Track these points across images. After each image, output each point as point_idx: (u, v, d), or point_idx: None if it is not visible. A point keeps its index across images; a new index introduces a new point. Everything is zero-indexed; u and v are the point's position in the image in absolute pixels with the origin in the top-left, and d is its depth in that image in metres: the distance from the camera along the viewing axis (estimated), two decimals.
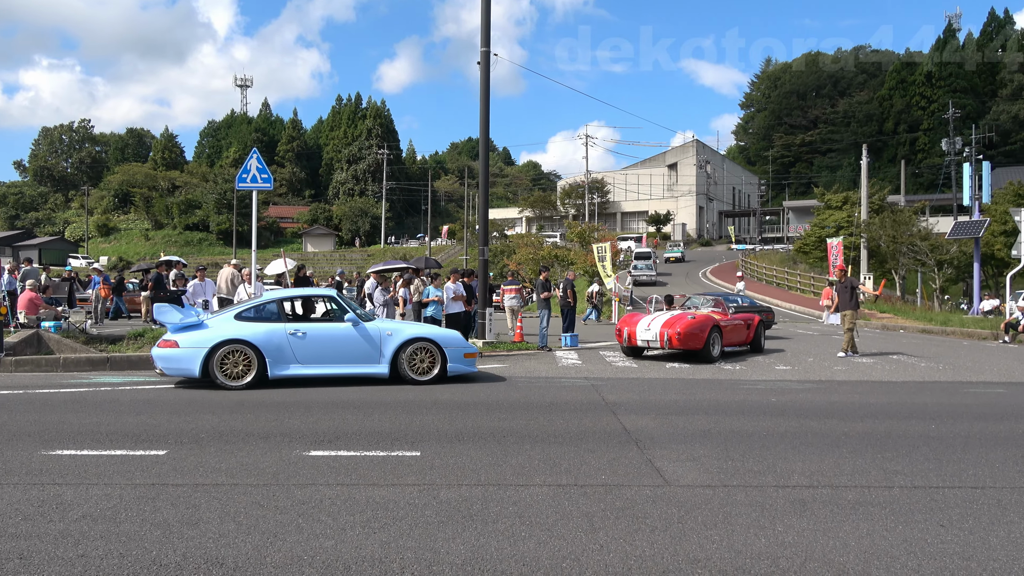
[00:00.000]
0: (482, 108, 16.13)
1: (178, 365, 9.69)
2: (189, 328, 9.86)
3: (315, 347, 10.05)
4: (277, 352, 9.84)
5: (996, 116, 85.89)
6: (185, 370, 9.67)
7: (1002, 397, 9.66)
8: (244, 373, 9.70)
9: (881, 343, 18.05)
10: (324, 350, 10.10)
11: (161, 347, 9.77)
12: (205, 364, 9.59)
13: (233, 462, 5.71)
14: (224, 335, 9.73)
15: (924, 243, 33.18)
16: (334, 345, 10.16)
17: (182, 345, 9.66)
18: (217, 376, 9.62)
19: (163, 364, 9.78)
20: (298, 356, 9.96)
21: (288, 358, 9.92)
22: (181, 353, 9.62)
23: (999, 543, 4.13)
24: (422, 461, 5.78)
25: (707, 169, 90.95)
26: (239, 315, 10.12)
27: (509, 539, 4.10)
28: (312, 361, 10.04)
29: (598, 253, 32.09)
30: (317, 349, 10.07)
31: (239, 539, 4.06)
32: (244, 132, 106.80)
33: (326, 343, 10.14)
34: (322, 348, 10.09)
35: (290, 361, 9.94)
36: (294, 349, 9.94)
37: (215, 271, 35.75)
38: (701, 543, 4.07)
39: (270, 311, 10.28)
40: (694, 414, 8.03)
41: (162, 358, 9.74)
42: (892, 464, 5.84)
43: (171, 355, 9.68)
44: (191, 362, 9.60)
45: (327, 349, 10.12)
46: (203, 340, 9.68)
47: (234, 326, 9.92)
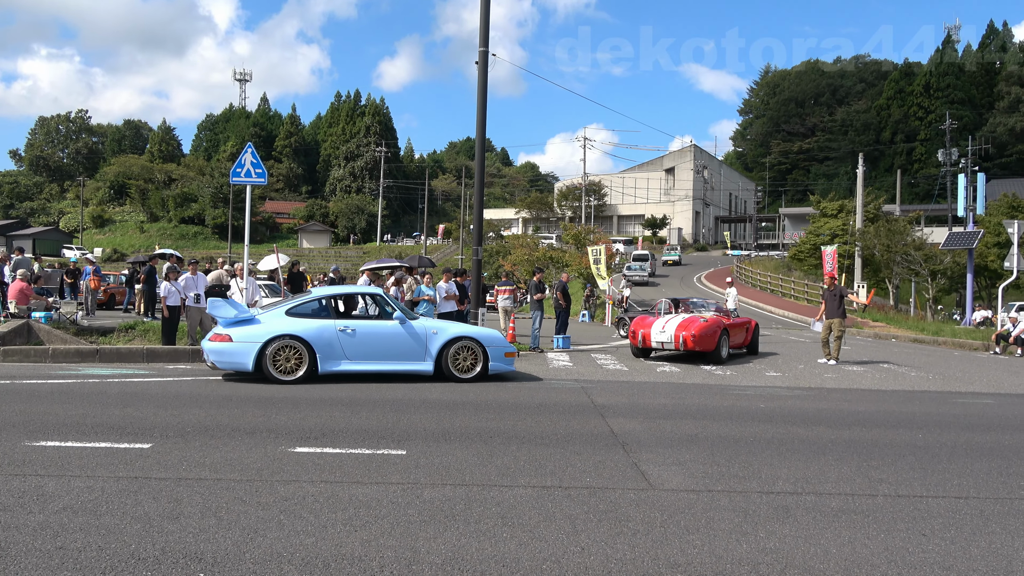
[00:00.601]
0: (479, 108, 16.12)
1: (231, 359, 9.80)
2: (242, 323, 9.98)
3: (364, 344, 10.24)
4: (328, 348, 10.00)
5: (993, 128, 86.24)
6: (238, 364, 9.79)
7: (990, 408, 9.68)
8: (295, 368, 9.84)
9: (872, 352, 18.09)
10: (373, 347, 10.30)
11: (214, 341, 9.88)
12: (258, 358, 9.71)
13: (217, 457, 5.69)
14: (277, 330, 9.85)
15: (918, 253, 33.28)
16: (382, 342, 10.37)
17: (236, 339, 9.77)
18: (269, 371, 9.75)
19: (216, 357, 9.86)
20: (347, 352, 10.14)
21: (338, 354, 10.08)
22: (235, 347, 9.75)
23: (980, 554, 4.14)
24: (408, 460, 5.77)
25: (704, 174, 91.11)
26: (290, 311, 10.25)
27: (491, 540, 4.09)
28: (361, 358, 10.23)
29: (593, 256, 32.11)
30: (366, 346, 10.25)
31: (219, 534, 4.04)
32: (242, 126, 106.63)
33: (375, 340, 10.33)
34: (371, 345, 10.29)
35: (340, 357, 10.11)
36: (343, 346, 10.11)
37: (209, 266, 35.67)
38: (683, 547, 4.07)
39: (320, 308, 10.53)
40: (682, 418, 8.03)
41: (215, 351, 9.85)
42: (877, 472, 5.85)
43: (224, 349, 9.79)
44: (244, 356, 9.73)
45: (375, 346, 10.32)
46: (256, 335, 9.80)
47: (286, 322, 10.04)
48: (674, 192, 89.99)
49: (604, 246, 34.42)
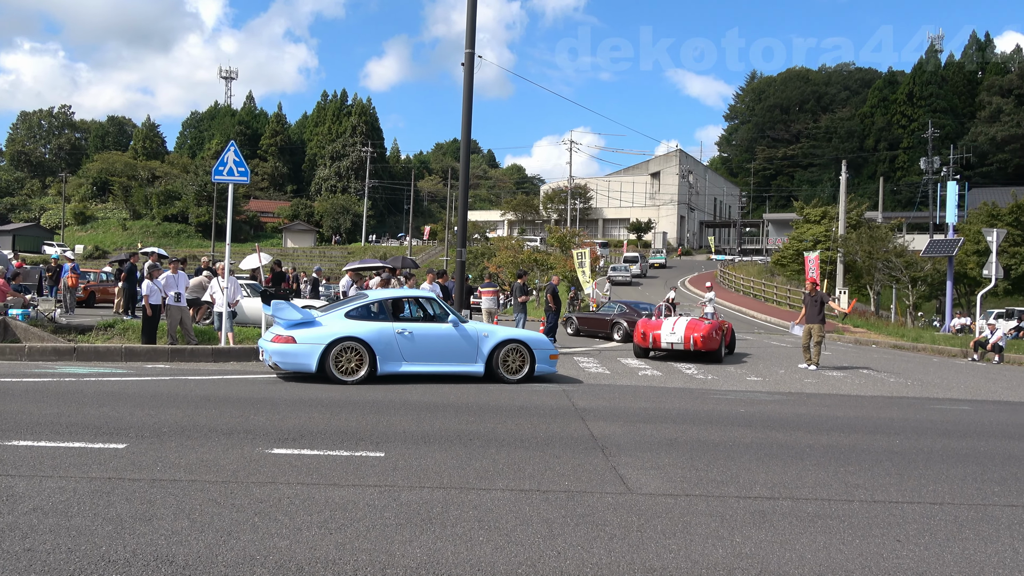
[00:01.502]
0: (464, 110, 16.10)
1: (295, 360, 9.97)
2: (303, 325, 10.17)
3: (420, 346, 10.53)
4: (387, 350, 10.25)
5: (974, 137, 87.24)
6: (302, 365, 9.96)
7: (967, 415, 9.77)
8: (356, 369, 10.07)
9: (853, 357, 18.22)
10: (428, 349, 10.59)
11: (276, 342, 10.01)
12: (322, 360, 9.91)
13: (193, 458, 5.63)
14: (339, 332, 10.07)
15: (899, 260, 33.58)
16: (437, 345, 10.67)
17: (299, 341, 9.95)
18: (332, 372, 9.94)
19: (279, 358, 9.99)
20: (405, 354, 10.41)
21: (396, 356, 10.34)
22: (299, 349, 9.93)
23: (953, 560, 4.16)
24: (385, 462, 5.74)
25: (689, 179, 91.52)
26: (348, 313, 10.47)
27: (466, 543, 4.07)
28: (417, 359, 10.51)
29: (578, 259, 32.18)
30: (422, 348, 10.54)
31: (192, 536, 4.00)
32: (227, 124, 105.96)
33: (430, 342, 10.63)
34: (426, 347, 10.58)
35: (397, 359, 10.37)
36: (401, 347, 10.38)
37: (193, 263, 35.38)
38: (659, 552, 4.06)
39: (378, 310, 10.74)
40: (662, 422, 8.05)
41: (278, 353, 9.99)
42: (854, 478, 5.88)
43: (288, 350, 9.95)
44: (308, 357, 9.92)
45: (431, 348, 10.60)
46: (319, 337, 10.00)
47: (346, 324, 10.26)
48: (659, 196, 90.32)
49: (589, 249, 34.52)
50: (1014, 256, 31.42)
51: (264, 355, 10.35)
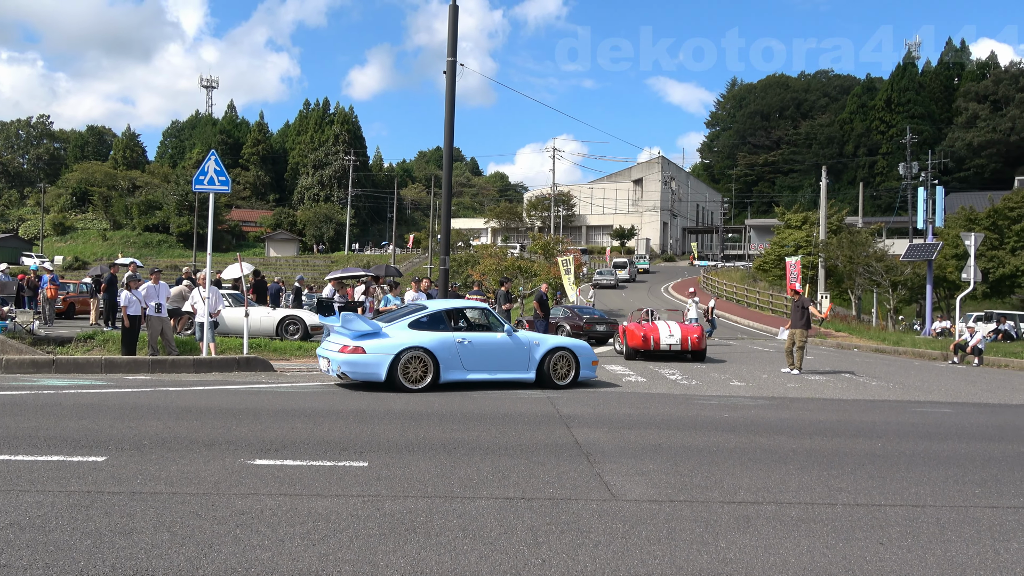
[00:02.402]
0: (447, 118, 16.11)
1: (365, 369, 10.26)
2: (371, 336, 10.45)
3: (478, 355, 10.93)
4: (448, 359, 10.63)
5: (951, 143, 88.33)
6: (372, 374, 10.26)
7: (947, 417, 9.86)
8: (422, 377, 10.42)
9: (835, 361, 18.34)
10: (485, 358, 11.02)
11: (345, 352, 10.24)
12: (391, 369, 10.23)
13: (174, 470, 5.57)
14: (406, 342, 10.41)
15: (880, 264, 33.88)
16: (494, 353, 11.11)
17: (369, 351, 10.25)
18: (400, 380, 10.27)
19: (348, 368, 10.24)
20: (464, 363, 10.80)
21: (456, 364, 10.72)
22: (369, 359, 10.22)
23: (935, 562, 4.19)
24: (369, 472, 5.70)
25: (672, 185, 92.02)
26: (412, 323, 10.83)
27: (451, 552, 4.04)
28: (476, 368, 10.92)
29: (563, 266, 32.24)
30: (480, 356, 10.95)
31: (172, 550, 3.95)
32: (208, 133, 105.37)
33: (487, 351, 11.05)
34: (484, 356, 11.00)
35: (457, 367, 10.75)
36: (461, 356, 10.77)
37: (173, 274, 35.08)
38: (643, 558, 4.06)
39: (439, 320, 11.09)
40: (646, 428, 8.05)
41: (348, 362, 10.23)
42: (837, 481, 5.91)
43: (359, 360, 10.22)
44: (378, 367, 10.23)
45: (488, 357, 11.04)
46: (388, 347, 10.32)
47: (411, 334, 10.60)
48: (642, 203, 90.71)
49: (573, 256, 34.59)
50: (992, 260, 31.80)
51: (329, 365, 10.55)
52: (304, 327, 17.73)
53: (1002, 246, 32.24)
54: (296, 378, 11.90)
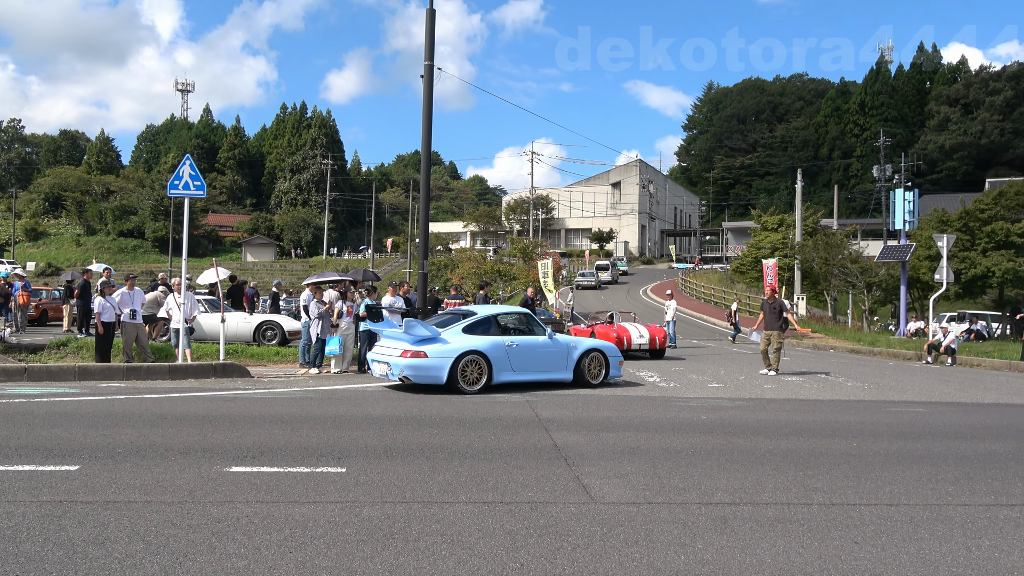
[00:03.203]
0: (424, 122, 16.09)
1: (427, 373, 10.76)
2: (430, 341, 10.94)
3: (524, 357, 11.56)
4: (500, 361, 11.24)
5: (924, 146, 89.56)
6: (434, 377, 10.77)
7: (921, 416, 9.99)
8: (478, 379, 11.01)
9: (811, 362, 18.52)
10: (531, 360, 11.67)
11: (407, 357, 10.72)
12: (451, 372, 10.77)
13: (149, 478, 5.50)
14: (464, 347, 10.97)
15: (855, 266, 34.24)
16: (537, 355, 11.78)
17: (431, 356, 10.76)
18: (459, 382, 10.82)
19: (411, 372, 10.71)
20: (513, 365, 11.42)
21: (506, 366, 11.33)
22: (431, 363, 10.74)
23: (909, 560, 4.24)
24: (347, 478, 5.67)
25: (650, 189, 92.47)
26: (465, 329, 11.35)
27: (429, 557, 4.03)
28: (522, 369, 11.55)
29: (542, 269, 32.28)
30: (526, 358, 11.59)
31: (147, 559, 3.90)
32: (184, 137, 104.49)
33: (532, 353, 11.70)
34: (529, 358, 11.65)
35: (507, 369, 11.35)
36: (510, 359, 11.38)
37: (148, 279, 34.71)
38: (621, 560, 4.07)
39: (489, 325, 11.69)
40: (625, 431, 8.08)
41: (411, 366, 10.71)
42: (813, 481, 5.97)
43: (421, 364, 10.73)
44: (440, 370, 10.77)
45: (533, 359, 11.70)
46: (448, 351, 10.85)
47: (466, 339, 11.15)
48: (621, 206, 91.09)
49: (552, 259, 34.66)
50: (964, 261, 32.26)
51: (390, 369, 10.95)
52: (282, 332, 17.61)
53: (973, 247, 32.72)
54: (274, 384, 11.82)
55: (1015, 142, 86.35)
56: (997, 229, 31.85)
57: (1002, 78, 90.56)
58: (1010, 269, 30.25)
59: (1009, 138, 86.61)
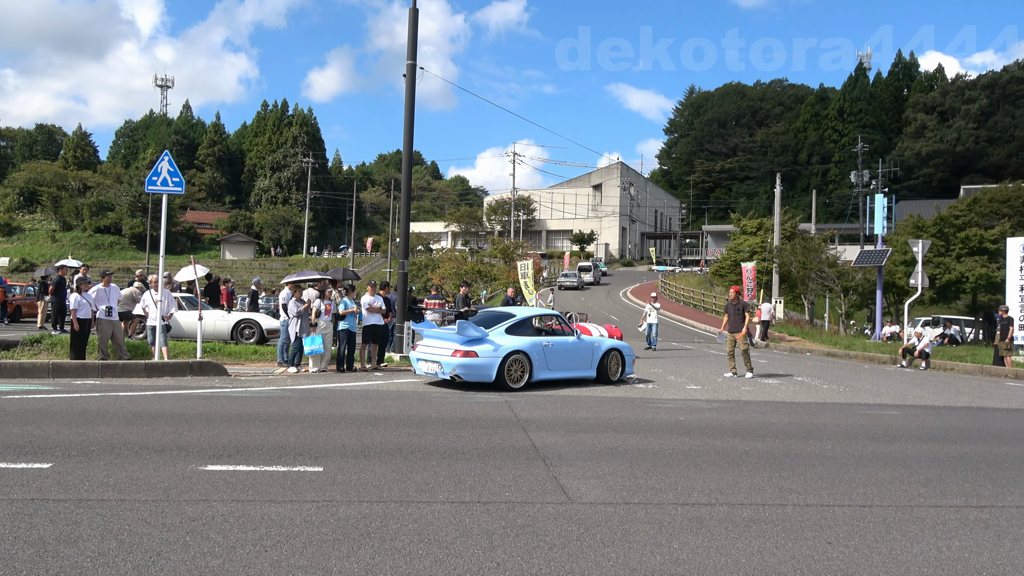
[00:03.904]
0: (406, 121, 16.06)
1: (478, 371, 11.31)
2: (479, 341, 11.44)
3: (557, 356, 12.24)
4: (538, 360, 11.88)
5: (901, 152, 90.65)
6: (484, 375, 11.32)
7: (895, 419, 10.11)
8: (521, 377, 11.63)
9: (788, 365, 18.68)
10: (563, 358, 12.35)
11: (459, 356, 11.25)
12: (499, 370, 11.31)
13: (122, 476, 5.45)
14: (510, 347, 11.56)
15: (832, 270, 34.57)
16: (568, 354, 12.47)
17: (481, 355, 11.30)
18: (505, 380, 11.38)
19: (463, 371, 11.26)
20: (548, 363, 12.09)
21: (543, 365, 11.98)
22: (481, 362, 11.30)
23: (881, 560, 4.29)
24: (324, 477, 5.65)
25: (631, 191, 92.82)
26: (508, 330, 11.93)
27: (405, 557, 4.03)
28: (555, 368, 12.21)
29: (521, 270, 32.28)
30: (559, 357, 12.27)
31: (119, 558, 3.86)
32: (163, 134, 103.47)
33: (564, 353, 12.39)
34: (562, 357, 12.33)
35: (543, 367, 11.99)
36: (547, 358, 12.04)
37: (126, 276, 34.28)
38: (597, 560, 4.09)
39: (528, 326, 12.40)
40: (603, 431, 8.11)
41: (462, 365, 11.26)
42: (787, 482, 6.02)
43: (472, 363, 11.29)
44: (490, 369, 11.31)
45: (564, 357, 12.38)
46: (496, 351, 11.42)
47: (511, 340, 11.74)
48: (602, 208, 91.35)
49: (532, 260, 34.67)
50: (938, 266, 32.63)
51: (441, 368, 11.42)
52: (260, 331, 17.48)
53: (948, 253, 33.11)
54: (251, 383, 11.73)
55: (989, 150, 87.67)
56: (971, 235, 32.25)
57: (977, 87, 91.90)
58: (983, 275, 30.63)
59: (984, 146, 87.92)
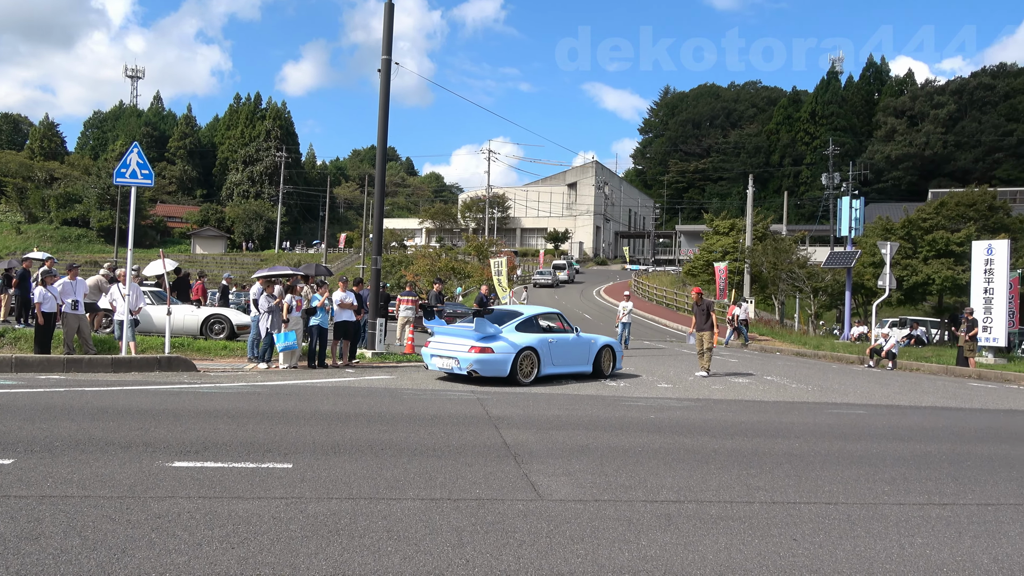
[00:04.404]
0: (380, 117, 15.97)
1: (494, 367, 11.84)
2: (494, 338, 11.95)
3: (560, 352, 12.91)
4: (545, 355, 12.51)
5: (871, 155, 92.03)
6: (499, 371, 11.87)
7: (861, 418, 10.26)
8: (531, 372, 12.29)
9: (758, 365, 18.88)
10: (563, 355, 13.01)
11: (475, 352, 11.73)
12: (513, 366, 11.91)
13: (87, 472, 5.36)
14: (522, 343, 12.16)
15: (802, 270, 35.02)
16: (569, 350, 13.15)
17: (497, 352, 11.84)
18: (518, 375, 12.01)
19: (479, 366, 11.75)
20: (553, 359, 12.75)
21: (548, 361, 12.61)
22: (497, 358, 11.84)
23: (845, 556, 4.36)
24: (293, 473, 5.61)
25: (605, 190, 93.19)
26: (518, 327, 12.51)
27: (374, 554, 4.01)
28: (558, 363, 12.87)
29: (495, 267, 32.29)
30: (561, 353, 12.94)
31: (83, 555, 3.81)
32: (133, 125, 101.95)
33: (565, 349, 13.05)
34: (563, 352, 13.00)
35: (549, 363, 12.61)
36: (551, 354, 12.69)
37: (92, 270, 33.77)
38: (566, 557, 4.11)
39: (535, 324, 12.94)
40: (574, 429, 8.14)
41: (479, 361, 11.75)
42: (755, 480, 6.09)
43: (489, 359, 11.80)
44: (505, 364, 11.89)
45: (565, 353, 13.05)
46: (509, 348, 11.99)
47: (520, 336, 12.32)
48: (576, 207, 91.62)
49: (506, 258, 34.69)
50: (906, 268, 33.21)
51: (458, 364, 11.89)
52: (230, 326, 17.30)
53: (915, 255, 33.72)
54: (220, 378, 11.61)
55: (957, 154, 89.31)
56: (938, 238, 32.89)
57: (946, 92, 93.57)
58: (949, 277, 31.24)
59: (951, 150, 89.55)
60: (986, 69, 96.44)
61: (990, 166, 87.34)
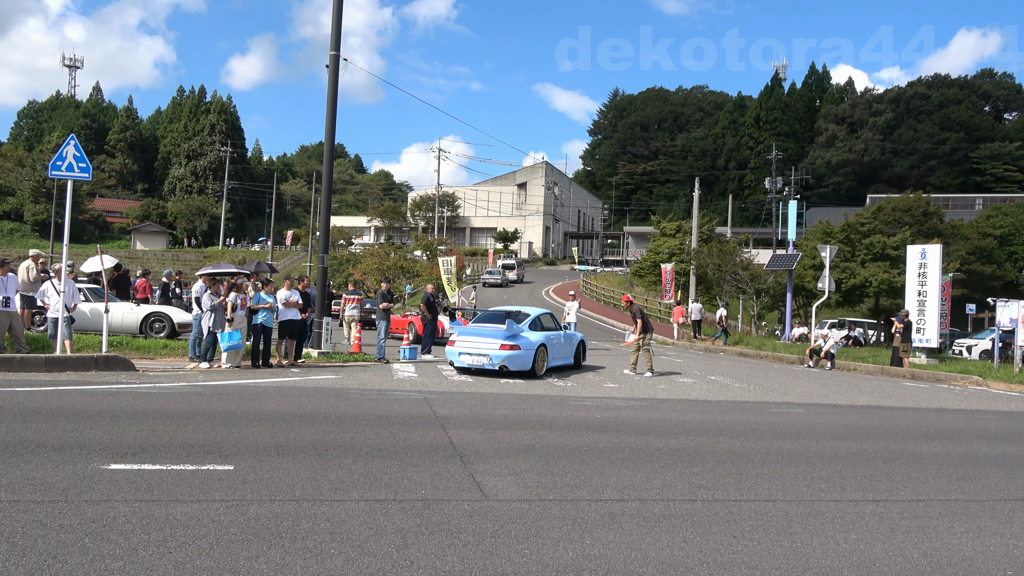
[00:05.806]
0: (328, 113, 15.79)
1: (520, 362, 13.35)
2: (516, 336, 13.50)
3: (556, 348, 14.71)
4: (549, 351, 14.24)
5: (813, 160, 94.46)
6: (523, 365, 13.39)
7: (800, 417, 10.53)
8: (542, 366, 13.88)
9: (702, 364, 19.21)
10: (559, 350, 14.86)
11: (506, 350, 13.20)
12: (534, 361, 13.47)
13: (17, 476, 5.18)
14: (538, 341, 13.78)
15: (745, 272, 35.69)
16: (561, 346, 15.03)
17: (522, 348, 13.37)
18: (535, 369, 13.54)
19: (508, 362, 13.22)
20: (551, 354, 14.36)
21: (551, 355, 14.37)
22: (524, 354, 13.39)
23: (782, 552, 4.47)
24: (234, 475, 5.50)
25: (555, 191, 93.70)
26: (530, 326, 14.22)
27: (316, 556, 3.97)
28: (555, 358, 14.60)
29: (443, 267, 32.20)
30: (557, 349, 14.72)
31: (11, 562, 3.68)
32: (71, 116, 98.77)
33: (559, 345, 14.92)
34: (558, 348, 14.82)
35: (550, 358, 14.32)
36: (552, 349, 14.38)
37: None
38: (511, 557, 4.12)
39: (540, 323, 14.67)
40: (521, 429, 8.17)
41: (510, 358, 13.23)
42: (697, 478, 6.20)
43: (516, 355, 13.30)
44: (528, 360, 13.42)
45: (559, 349, 14.89)
46: (531, 344, 13.58)
47: (536, 335, 13.98)
48: (526, 207, 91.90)
49: (455, 258, 34.62)
50: (844, 271, 34.08)
51: (490, 360, 13.26)
52: (171, 324, 16.89)
53: (854, 258, 34.60)
54: (160, 378, 11.32)
55: (894, 161, 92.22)
56: (875, 242, 33.81)
57: (884, 101, 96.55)
58: (885, 280, 32.14)
59: (889, 157, 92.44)
60: (922, 79, 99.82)
61: (925, 173, 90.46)
